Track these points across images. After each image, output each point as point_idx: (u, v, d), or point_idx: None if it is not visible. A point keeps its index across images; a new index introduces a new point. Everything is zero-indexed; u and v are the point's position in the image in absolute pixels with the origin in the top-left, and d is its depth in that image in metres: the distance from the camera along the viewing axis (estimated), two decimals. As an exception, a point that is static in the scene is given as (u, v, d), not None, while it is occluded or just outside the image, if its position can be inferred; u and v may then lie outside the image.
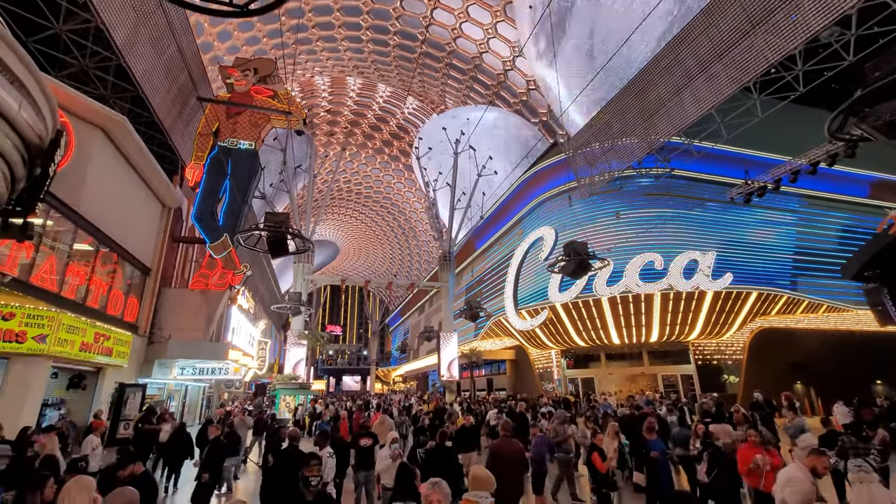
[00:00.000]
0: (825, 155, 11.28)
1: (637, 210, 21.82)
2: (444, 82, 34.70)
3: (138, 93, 14.85)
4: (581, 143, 19.77)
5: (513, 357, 31.81)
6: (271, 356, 34.44)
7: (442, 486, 2.80)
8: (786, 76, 13.90)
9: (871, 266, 14.54)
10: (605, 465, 5.91)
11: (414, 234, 57.87)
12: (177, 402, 19.80)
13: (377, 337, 69.29)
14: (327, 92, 41.87)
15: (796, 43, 11.65)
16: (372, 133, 46.95)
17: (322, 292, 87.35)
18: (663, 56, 15.23)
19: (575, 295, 21.72)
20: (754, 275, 20.84)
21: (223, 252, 16.34)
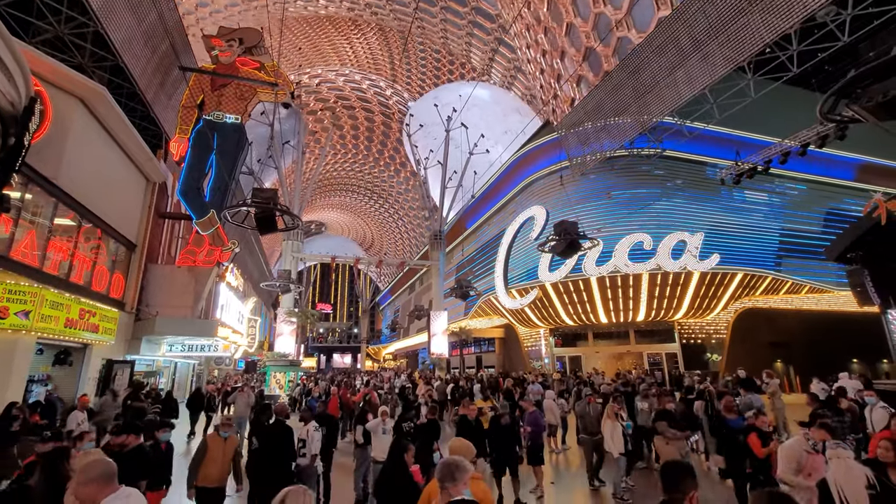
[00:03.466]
0: (816, 136, 11.31)
1: (628, 190, 21.86)
2: (443, 19, 33.16)
3: (118, 62, 14.28)
4: (574, 122, 19.58)
5: (502, 335, 32.21)
6: (261, 334, 34.46)
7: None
8: (780, 56, 13.79)
9: (854, 248, 14.83)
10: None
11: (404, 212, 57.64)
12: (166, 379, 19.80)
13: (368, 315, 69.62)
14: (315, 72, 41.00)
15: (793, 22, 11.51)
16: (360, 115, 46.20)
17: (312, 271, 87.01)
18: (658, 34, 14.97)
19: (564, 274, 21.90)
20: (740, 256, 21.15)
21: (210, 228, 16.10)
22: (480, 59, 34.23)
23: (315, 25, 38.84)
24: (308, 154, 41.29)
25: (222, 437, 5.16)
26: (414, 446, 4.22)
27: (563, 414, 11.16)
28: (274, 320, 38.87)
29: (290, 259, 24.05)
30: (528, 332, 28.30)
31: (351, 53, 42.87)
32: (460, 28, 32.23)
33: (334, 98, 43.77)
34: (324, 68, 42.40)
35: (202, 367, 25.42)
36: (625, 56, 16.90)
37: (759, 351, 22.10)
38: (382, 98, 45.23)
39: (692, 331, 22.80)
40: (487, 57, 33.33)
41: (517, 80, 33.49)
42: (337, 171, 53.76)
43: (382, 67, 43.31)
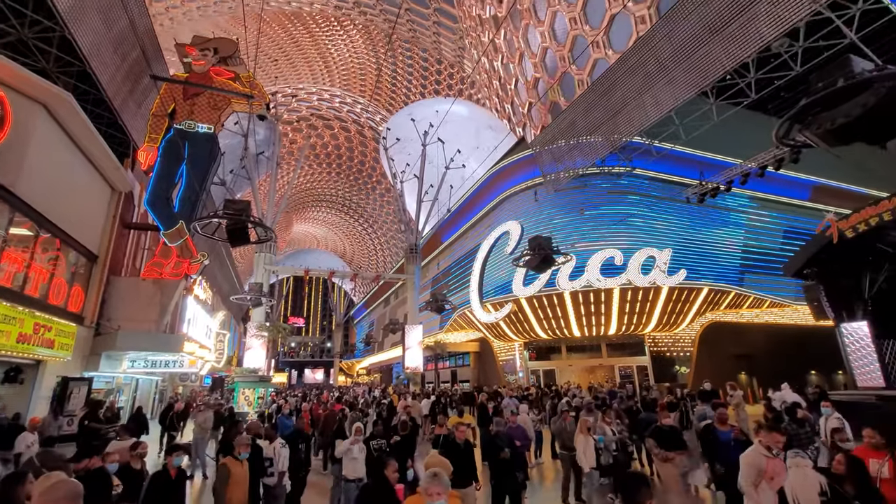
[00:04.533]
0: (773, 159, 11.97)
1: (600, 207, 22.46)
2: (436, 21, 33.52)
3: (85, 68, 13.88)
4: (548, 139, 20.08)
5: (477, 349, 32.21)
6: (230, 349, 33.39)
7: (441, 478, 2.71)
8: (739, 83, 14.60)
9: (810, 265, 15.63)
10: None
11: (378, 226, 57.49)
12: (126, 397, 18.88)
13: (341, 329, 68.43)
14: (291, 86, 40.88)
15: (750, 51, 12.26)
16: (336, 128, 46.21)
17: (285, 284, 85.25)
18: (627, 58, 15.66)
19: (538, 289, 22.18)
20: (706, 271, 21.95)
21: (178, 240, 15.61)
22: (472, 66, 34.79)
23: (297, 23, 38.76)
24: (284, 165, 40.83)
25: (240, 459, 4.99)
26: (396, 462, 4.17)
27: (537, 428, 11.23)
28: (244, 334, 37.75)
29: (263, 272, 23.52)
30: (502, 345, 28.41)
31: (333, 59, 42.95)
32: (454, 32, 32.78)
33: (309, 113, 43.66)
34: (298, 86, 42.38)
35: (166, 384, 24.39)
36: (596, 78, 17.56)
37: (724, 363, 22.84)
38: (357, 114, 45.42)
39: (661, 344, 23.39)
40: (478, 65, 33.86)
41: (493, 94, 34.26)
42: (312, 184, 53.38)
43: (367, 70, 43.43)
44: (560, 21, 23.52)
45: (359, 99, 45.81)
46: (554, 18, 24.05)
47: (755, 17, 11.66)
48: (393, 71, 42.90)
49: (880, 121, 6.98)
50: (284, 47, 41.36)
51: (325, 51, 42.43)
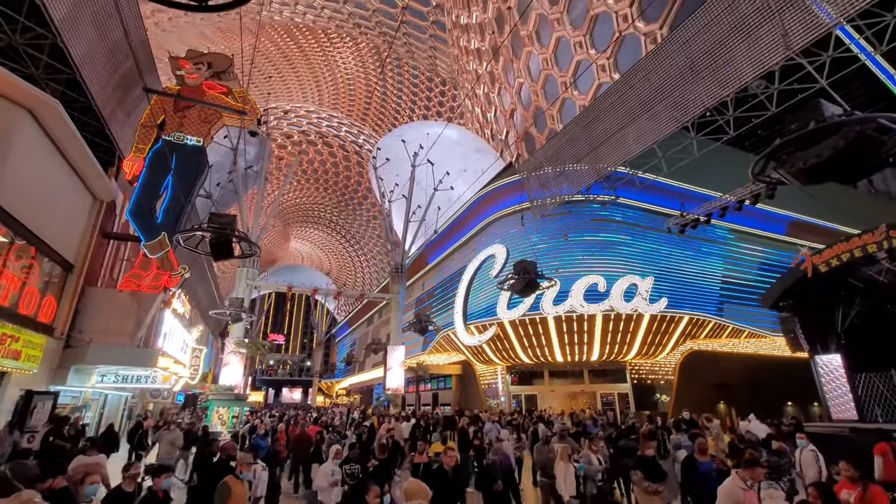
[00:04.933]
0: (749, 194, 12.40)
1: (584, 234, 22.82)
2: (433, 34, 34.16)
3: (75, 76, 13.80)
4: (535, 165, 20.49)
5: (459, 372, 31.89)
6: (206, 365, 32.44)
7: None
8: (719, 120, 15.21)
9: (786, 297, 16.05)
10: None
11: (364, 243, 57.36)
12: (93, 413, 18.09)
13: (322, 348, 67.27)
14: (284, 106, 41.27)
15: (729, 91, 12.83)
16: (324, 150, 46.59)
17: (266, 300, 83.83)
18: (611, 92, 16.24)
19: (522, 312, 22.24)
20: (686, 300, 22.32)
21: (159, 252, 15.35)
22: (465, 86, 35.60)
23: (289, 40, 39.22)
24: (272, 181, 40.71)
25: (242, 479, 4.86)
26: (377, 487, 4.08)
27: (517, 454, 11.10)
28: (221, 350, 36.81)
29: (245, 286, 23.14)
30: (485, 369, 28.21)
31: (325, 77, 43.47)
32: (449, 46, 33.57)
33: (299, 131, 43.94)
34: (287, 106, 42.75)
35: (136, 401, 23.50)
36: (580, 112, 18.14)
37: (704, 392, 23.01)
38: (344, 136, 45.88)
39: (643, 371, 23.51)
40: (464, 92, 34.66)
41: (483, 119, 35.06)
42: (299, 200, 53.25)
43: (358, 89, 43.93)
44: (534, 60, 24.53)
45: (344, 120, 46.37)
46: (529, 58, 25.11)
47: (734, 59, 12.26)
48: (383, 91, 43.61)
49: (849, 162, 7.34)
50: (277, 64, 41.82)
51: (318, 69, 43.01)
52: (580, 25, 21.80)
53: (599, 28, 21.28)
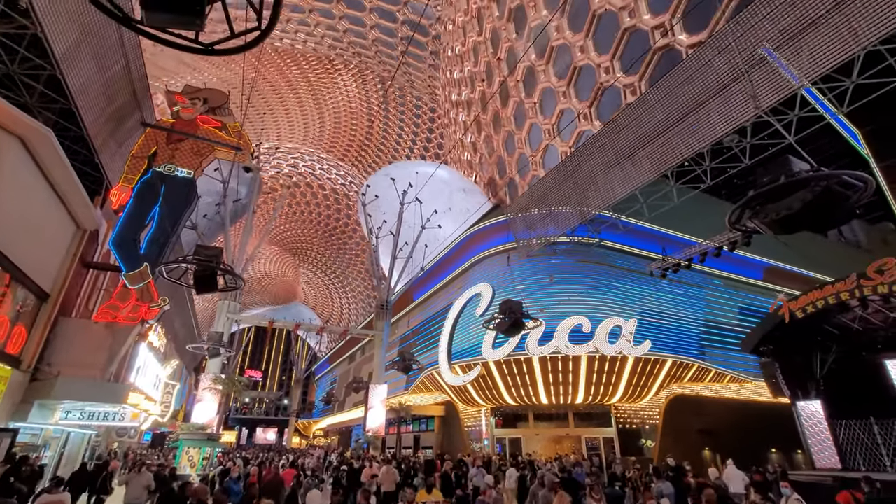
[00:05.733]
0: (727, 241, 12.87)
1: (569, 275, 23.12)
2: (431, 64, 35.24)
3: (70, 106, 13.94)
4: (522, 207, 20.99)
5: (442, 413, 31.09)
6: (177, 402, 31.09)
7: None
8: (696, 169, 15.94)
9: (765, 342, 16.34)
10: None
11: (349, 280, 57.02)
12: (52, 453, 17.03)
13: (301, 385, 65.12)
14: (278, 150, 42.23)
15: (705, 143, 13.58)
16: (314, 185, 47.32)
17: (245, 334, 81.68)
18: (595, 139, 17.04)
19: (507, 353, 22.08)
20: (669, 344, 22.49)
21: (140, 283, 15.04)
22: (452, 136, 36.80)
23: (291, 67, 40.22)
24: (259, 215, 40.67)
25: None
26: None
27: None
28: (194, 387, 35.39)
29: (225, 320, 22.60)
30: (469, 410, 27.58)
31: (324, 111, 44.48)
32: (442, 102, 34.88)
33: (289, 167, 44.55)
34: (282, 143, 43.57)
35: (100, 439, 22.25)
36: (565, 157, 18.91)
37: (689, 438, 22.79)
38: (338, 176, 46.68)
39: (628, 415, 23.27)
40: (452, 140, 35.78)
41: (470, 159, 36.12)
42: (285, 236, 53.17)
43: (359, 115, 44.82)
44: (520, 109, 25.80)
45: (333, 161, 47.39)
46: (515, 107, 26.47)
47: (708, 115, 13.05)
48: (385, 123, 44.78)
49: (818, 214, 7.75)
50: (270, 100, 42.81)
51: (314, 103, 44.13)
52: (564, 76, 23.09)
53: (583, 79, 22.49)
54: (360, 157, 48.27)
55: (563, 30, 22.60)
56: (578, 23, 21.73)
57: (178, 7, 4.37)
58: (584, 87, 22.58)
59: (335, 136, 47.30)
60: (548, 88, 24.33)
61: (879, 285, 12.91)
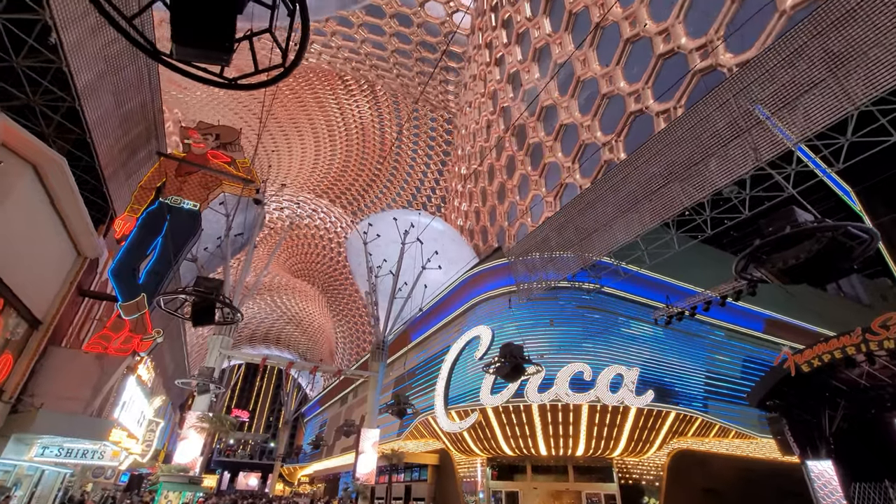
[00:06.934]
0: (732, 290, 12.82)
1: (570, 321, 22.86)
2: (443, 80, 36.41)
3: (85, 137, 14.25)
4: (523, 250, 21.07)
5: (436, 462, 29.74)
6: (160, 441, 29.76)
7: None
8: (697, 219, 16.14)
9: (772, 396, 15.93)
10: None
11: (344, 320, 56.41)
12: (23, 492, 16.07)
13: (289, 428, 62.66)
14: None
15: (705, 194, 13.83)
16: (315, 226, 48.19)
17: (235, 371, 79.67)
18: (596, 188, 17.40)
19: (507, 399, 21.43)
20: (673, 395, 21.90)
21: (136, 313, 14.78)
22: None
23: (291, 128, 41.57)
24: (259, 251, 40.84)
25: None
26: None
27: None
28: (179, 425, 34.05)
29: (217, 355, 22.05)
30: (464, 459, 26.40)
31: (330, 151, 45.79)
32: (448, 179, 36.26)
33: (293, 205, 45.31)
34: (289, 182, 44.62)
35: (74, 479, 21.13)
36: (568, 202, 19.28)
37: (694, 497, 21.72)
38: (338, 220, 47.57)
39: (630, 470, 22.28)
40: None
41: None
42: (281, 273, 53.17)
43: (371, 135, 45.74)
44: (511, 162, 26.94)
45: (334, 208, 48.46)
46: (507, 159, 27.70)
47: (708, 167, 13.39)
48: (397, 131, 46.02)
49: (823, 265, 7.78)
50: (279, 139, 44.07)
51: (321, 148, 45.46)
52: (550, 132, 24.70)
53: (566, 137, 24.00)
54: (358, 201, 49.27)
55: (552, 91, 24.45)
56: (565, 86, 24.21)
57: (209, 44, 4.55)
58: (568, 143, 24.21)
59: (340, 177, 48.36)
60: (536, 143, 25.70)
61: (885, 340, 12.75)
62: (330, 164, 46.83)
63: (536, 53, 25.74)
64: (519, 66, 26.92)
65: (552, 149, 24.34)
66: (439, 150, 43.13)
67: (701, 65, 18.19)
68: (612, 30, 21.51)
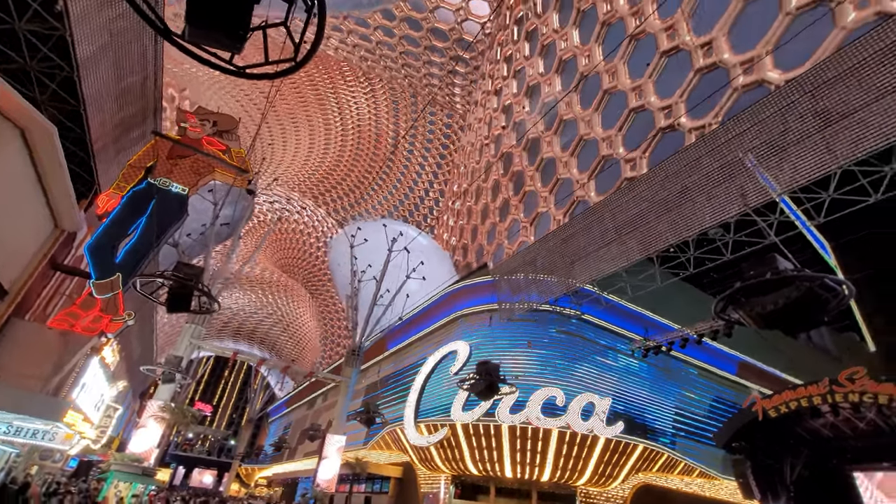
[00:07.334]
0: (709, 330, 13.05)
1: (547, 345, 22.91)
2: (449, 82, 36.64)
3: (79, 108, 14.00)
4: (510, 269, 21.19)
5: (399, 475, 29.19)
6: (116, 428, 28.69)
7: None
8: (681, 257, 16.48)
9: (738, 438, 16.14)
10: None
11: (325, 324, 55.70)
12: (-36, 469, 15.30)
13: (252, 426, 60.97)
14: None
15: (691, 233, 14.16)
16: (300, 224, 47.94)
17: (203, 363, 77.63)
18: (586, 216, 17.72)
19: (478, 416, 21.26)
20: (641, 428, 22.00)
21: (108, 293, 14.38)
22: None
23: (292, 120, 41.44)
24: (242, 243, 40.26)
25: None
26: None
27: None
28: (138, 414, 32.93)
29: (188, 344, 21.50)
30: (427, 475, 25.99)
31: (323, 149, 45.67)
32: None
33: (284, 199, 44.98)
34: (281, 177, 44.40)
35: (20, 460, 20.17)
36: (560, 226, 19.52)
37: (654, 533, 21.71)
38: (324, 220, 47.44)
39: (594, 500, 22.17)
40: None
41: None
42: (263, 268, 52.44)
43: (367, 138, 45.70)
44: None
45: (320, 210, 48.33)
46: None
47: (696, 207, 13.73)
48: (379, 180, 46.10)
49: (797, 314, 7.99)
50: (274, 132, 43.88)
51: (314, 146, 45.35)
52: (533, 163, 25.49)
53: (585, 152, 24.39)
54: (343, 199, 49.13)
55: (539, 126, 25.36)
56: (549, 122, 25.70)
57: (224, 30, 4.54)
58: (547, 175, 25.08)
59: (328, 176, 48.15)
60: (519, 170, 26.51)
61: (850, 393, 13.08)
62: (321, 161, 46.64)
63: (561, 65, 25.96)
64: (540, 79, 27.22)
65: (567, 164, 24.64)
66: (433, 161, 43.46)
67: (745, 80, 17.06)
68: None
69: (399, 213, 46.66)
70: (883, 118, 10.35)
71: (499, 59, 31.63)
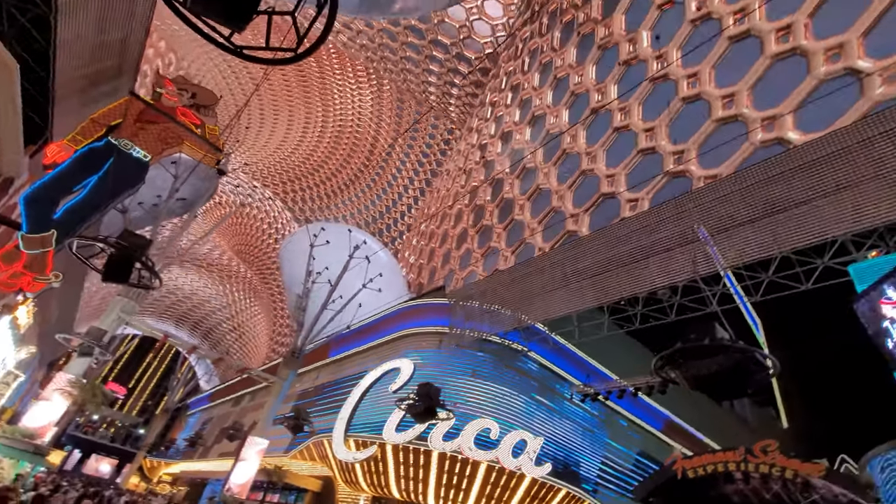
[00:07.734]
0: (645, 385, 13.61)
1: (490, 376, 22.98)
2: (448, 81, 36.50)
3: (48, 50, 13.16)
4: (465, 296, 21.35)
5: (318, 489, 28.02)
6: (12, 399, 26.02)
7: None
8: (629, 311, 17.21)
9: (656, 494, 16.68)
10: None
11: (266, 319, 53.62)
12: None
13: (167, 417, 56.74)
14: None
15: (642, 290, 14.88)
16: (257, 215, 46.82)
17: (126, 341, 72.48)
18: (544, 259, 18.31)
19: (410, 438, 20.84)
20: (567, 472, 22.28)
21: (38, 249, 13.22)
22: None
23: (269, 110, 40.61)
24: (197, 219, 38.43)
25: None
26: None
27: None
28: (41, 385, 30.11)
29: (115, 318, 20.01)
30: (347, 492, 25.07)
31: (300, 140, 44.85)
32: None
33: (248, 187, 43.77)
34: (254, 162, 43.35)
35: None
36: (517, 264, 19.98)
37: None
38: (284, 214, 46.61)
39: (510, 540, 22.07)
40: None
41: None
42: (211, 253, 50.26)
43: (347, 142, 45.08)
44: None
45: (284, 207, 47.55)
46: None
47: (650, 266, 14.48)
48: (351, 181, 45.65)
49: (727, 381, 8.50)
50: (252, 117, 42.86)
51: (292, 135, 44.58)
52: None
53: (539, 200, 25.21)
54: (316, 207, 48.38)
55: (505, 164, 26.95)
56: (515, 168, 27.08)
57: (231, 7, 4.47)
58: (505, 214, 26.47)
59: (296, 169, 47.24)
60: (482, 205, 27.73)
61: (762, 464, 13.90)
62: (292, 154, 45.73)
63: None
64: (514, 128, 28.27)
65: (522, 207, 25.25)
66: (418, 186, 43.75)
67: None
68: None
69: (370, 229, 46.24)
70: (821, 215, 11.46)
71: (504, 88, 32.43)
